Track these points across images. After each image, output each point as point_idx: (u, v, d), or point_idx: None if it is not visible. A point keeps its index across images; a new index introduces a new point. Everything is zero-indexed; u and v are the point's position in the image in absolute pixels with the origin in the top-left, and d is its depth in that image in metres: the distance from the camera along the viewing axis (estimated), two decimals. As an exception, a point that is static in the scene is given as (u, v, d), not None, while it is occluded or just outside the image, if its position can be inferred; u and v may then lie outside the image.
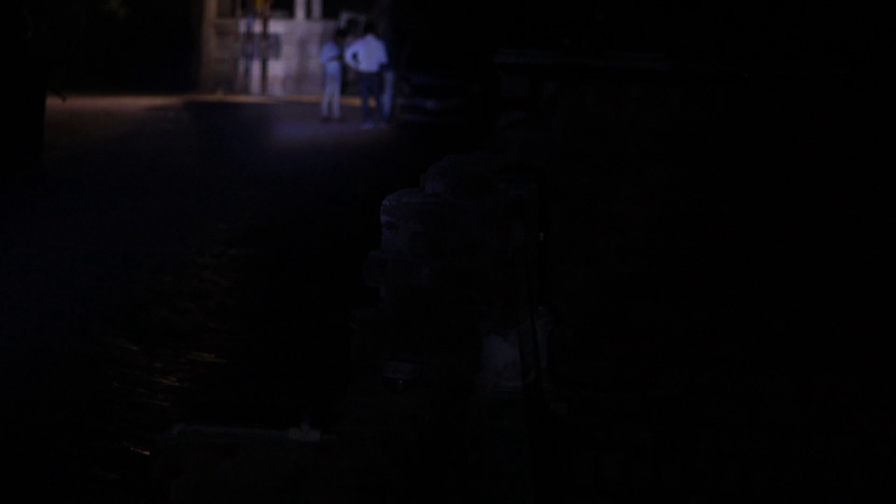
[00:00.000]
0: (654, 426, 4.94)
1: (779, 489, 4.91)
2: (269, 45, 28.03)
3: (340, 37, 23.45)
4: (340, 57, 22.45)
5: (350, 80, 23.83)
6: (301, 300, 8.91)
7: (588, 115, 4.89)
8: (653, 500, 4.95)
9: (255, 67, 27.93)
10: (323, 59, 23.13)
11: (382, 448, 4.05)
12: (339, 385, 6.51)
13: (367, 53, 21.58)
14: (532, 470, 4.04)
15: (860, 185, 4.79)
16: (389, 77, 21.92)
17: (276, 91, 27.80)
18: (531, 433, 4.14)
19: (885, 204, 4.78)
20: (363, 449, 4.03)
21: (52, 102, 14.68)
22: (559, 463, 4.98)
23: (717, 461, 4.92)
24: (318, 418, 4.23)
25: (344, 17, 27.79)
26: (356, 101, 22.74)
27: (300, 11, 29.22)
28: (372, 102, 22.12)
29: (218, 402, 6.58)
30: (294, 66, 28.69)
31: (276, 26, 28.51)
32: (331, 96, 22.33)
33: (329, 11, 28.61)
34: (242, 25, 28.24)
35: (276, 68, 28.28)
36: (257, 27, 27.94)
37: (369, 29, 22.54)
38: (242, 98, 26.61)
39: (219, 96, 26.87)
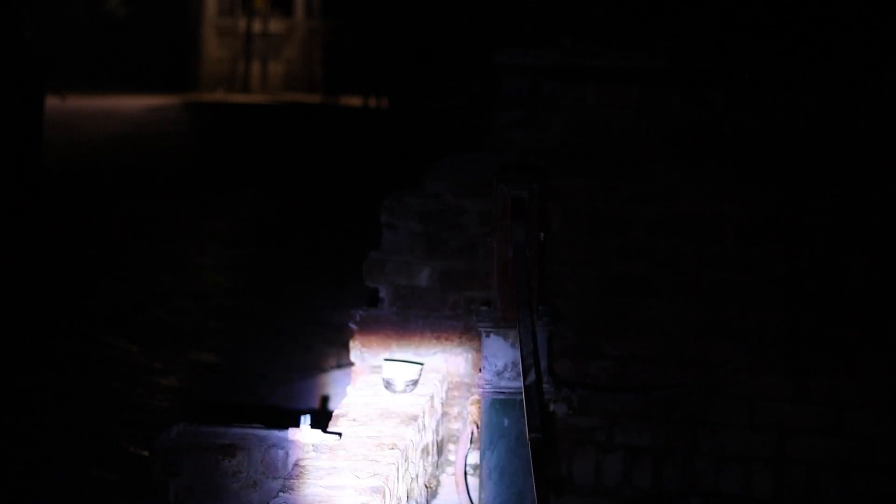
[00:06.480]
0: (654, 426, 4.94)
1: (779, 489, 4.91)
2: (269, 45, 28.01)
3: None
4: None
5: None
6: (301, 300, 8.91)
7: (588, 115, 4.89)
8: (653, 501, 4.95)
9: (255, 67, 27.92)
10: None
11: (382, 448, 4.05)
12: (340, 385, 6.52)
13: None
14: (532, 470, 4.03)
15: (861, 185, 4.79)
16: None
17: (277, 90, 27.79)
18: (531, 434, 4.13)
19: (887, 204, 4.78)
20: (363, 449, 4.03)
21: (52, 102, 14.66)
22: (559, 463, 4.98)
23: (717, 461, 4.92)
24: (317, 418, 4.24)
25: None
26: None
27: (300, 11, 29.18)
28: None
29: (217, 403, 6.58)
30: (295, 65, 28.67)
31: (277, 25, 28.50)
32: None
33: (330, 11, 28.56)
34: (242, 25, 28.23)
35: (277, 68, 28.27)
36: (257, 26, 27.92)
37: None
38: (242, 98, 26.59)
39: (219, 96, 26.86)
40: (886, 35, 4.98)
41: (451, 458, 4.98)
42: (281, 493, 3.64)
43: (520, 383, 4.45)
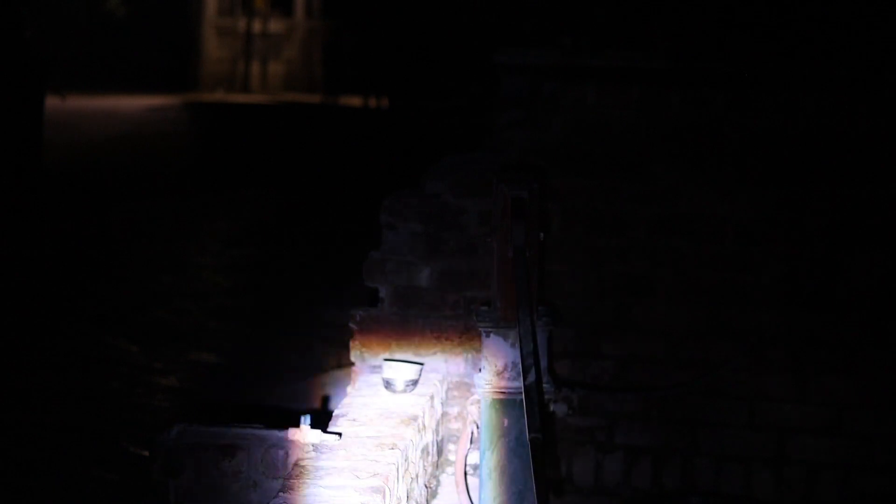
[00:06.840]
0: (654, 426, 4.94)
1: (779, 489, 4.91)
2: (269, 45, 28.00)
3: None
4: None
5: None
6: (301, 300, 8.90)
7: (588, 115, 4.89)
8: (653, 501, 4.95)
9: (255, 67, 27.91)
10: None
11: (382, 448, 4.05)
12: (340, 385, 6.52)
13: None
14: (532, 470, 4.04)
15: (861, 185, 4.79)
16: None
17: (277, 90, 27.78)
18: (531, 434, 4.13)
19: (887, 204, 4.78)
20: (363, 449, 4.03)
21: (52, 102, 14.66)
22: (559, 463, 4.98)
23: (717, 461, 4.92)
24: (318, 418, 4.24)
25: None
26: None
27: (300, 11, 29.16)
28: None
29: (217, 403, 6.58)
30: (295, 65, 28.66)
31: (277, 25, 28.48)
32: None
33: (330, 11, 28.53)
34: (242, 25, 28.22)
35: (277, 68, 28.26)
36: (257, 26, 27.92)
37: None
38: (242, 98, 26.59)
39: (219, 96, 26.85)
40: (886, 35, 4.98)
41: (451, 458, 4.98)
42: (281, 493, 3.64)
43: (520, 383, 4.45)
